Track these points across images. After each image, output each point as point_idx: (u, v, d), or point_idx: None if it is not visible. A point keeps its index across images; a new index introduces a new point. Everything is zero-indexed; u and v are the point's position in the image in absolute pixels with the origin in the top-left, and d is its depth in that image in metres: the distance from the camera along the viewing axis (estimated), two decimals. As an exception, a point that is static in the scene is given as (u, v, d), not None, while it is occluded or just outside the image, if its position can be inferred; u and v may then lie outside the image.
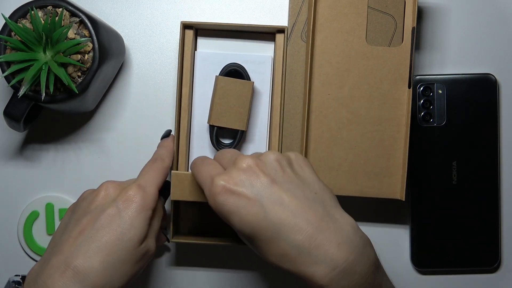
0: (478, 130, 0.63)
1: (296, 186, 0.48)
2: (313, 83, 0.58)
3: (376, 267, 0.47)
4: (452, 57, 0.64)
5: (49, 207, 0.64)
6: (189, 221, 0.63)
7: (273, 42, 0.62)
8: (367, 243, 0.47)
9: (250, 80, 0.61)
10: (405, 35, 0.59)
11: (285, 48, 0.60)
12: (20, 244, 0.64)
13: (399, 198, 0.59)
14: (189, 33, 0.61)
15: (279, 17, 0.64)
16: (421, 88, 0.63)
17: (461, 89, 0.63)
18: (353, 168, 0.59)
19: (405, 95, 0.59)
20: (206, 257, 0.65)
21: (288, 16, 0.61)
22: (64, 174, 0.64)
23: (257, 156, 0.50)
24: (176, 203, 0.62)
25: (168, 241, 0.61)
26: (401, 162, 0.59)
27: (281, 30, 0.60)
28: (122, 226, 0.50)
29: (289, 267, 0.46)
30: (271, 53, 0.62)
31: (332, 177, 0.59)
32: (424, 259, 0.63)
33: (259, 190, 0.47)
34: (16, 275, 0.52)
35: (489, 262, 0.63)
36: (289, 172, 0.48)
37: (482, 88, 0.63)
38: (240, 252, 0.65)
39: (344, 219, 0.47)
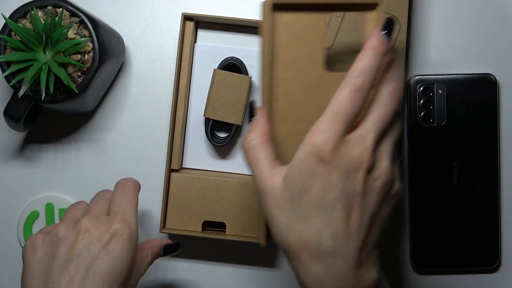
0: (478, 130, 0.63)
1: (371, 212, 0.44)
2: (271, 121, 0.50)
3: None
4: (452, 57, 0.64)
5: (49, 207, 0.64)
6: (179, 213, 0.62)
7: None
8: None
9: (248, 75, 0.61)
10: None
11: None
12: (20, 244, 0.64)
13: None
14: (190, 25, 0.61)
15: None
16: (421, 88, 0.63)
17: (461, 89, 0.63)
18: None
19: None
20: (194, 248, 0.65)
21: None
22: (64, 174, 0.64)
23: (376, 159, 0.45)
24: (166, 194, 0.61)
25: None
26: None
27: None
28: (114, 269, 0.48)
29: (300, 255, 0.44)
30: None
31: None
32: (424, 259, 0.63)
33: (345, 187, 0.43)
34: None
35: (489, 262, 0.63)
36: (380, 199, 0.45)
37: (482, 88, 0.63)
38: (230, 246, 0.65)
39: (372, 260, 0.45)
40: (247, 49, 0.62)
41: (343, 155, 0.43)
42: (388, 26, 0.46)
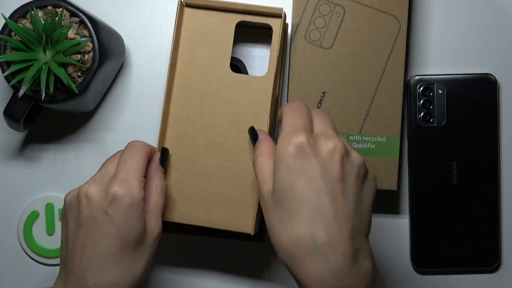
0: (478, 130, 0.63)
1: (354, 198, 0.46)
2: (172, 106, 0.57)
3: None
4: (452, 57, 0.64)
5: (49, 207, 0.64)
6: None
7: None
8: (370, 275, 0.46)
9: (248, 74, 0.61)
10: (271, 65, 0.57)
11: (280, 37, 0.59)
12: (20, 244, 0.64)
13: (250, 233, 0.56)
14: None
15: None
16: (421, 88, 0.63)
17: (461, 89, 0.63)
18: (206, 198, 0.56)
19: (265, 127, 0.56)
20: (195, 250, 0.65)
21: (292, 17, 0.61)
22: (64, 174, 0.64)
23: (347, 148, 0.47)
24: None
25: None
26: (255, 195, 0.56)
27: (278, 15, 0.59)
28: (121, 231, 0.49)
29: (294, 254, 0.45)
30: (269, 48, 0.62)
31: (184, 203, 0.57)
32: (424, 259, 0.63)
33: (325, 174, 0.45)
34: None
35: (489, 262, 0.64)
36: (359, 183, 0.47)
37: (482, 88, 0.63)
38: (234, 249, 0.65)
39: (366, 249, 0.47)
40: (247, 48, 0.62)
41: (318, 147, 0.46)
42: None
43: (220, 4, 0.57)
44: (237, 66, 0.61)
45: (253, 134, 0.53)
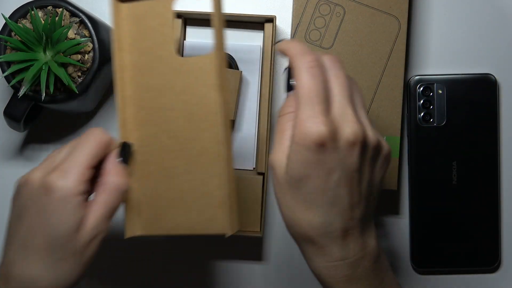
0: (478, 130, 0.63)
1: (368, 184, 0.46)
2: (128, 110, 0.51)
3: (379, 263, 0.48)
4: (452, 57, 0.64)
5: (49, 207, 0.64)
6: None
7: (262, 32, 0.62)
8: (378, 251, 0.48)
9: (238, 69, 0.61)
10: (216, 42, 0.50)
11: (273, 37, 0.60)
12: (20, 244, 0.64)
13: (227, 233, 0.49)
14: (178, 22, 0.61)
15: (282, 16, 0.63)
16: (421, 88, 0.63)
17: (461, 89, 0.63)
18: (181, 204, 0.50)
19: (216, 104, 0.49)
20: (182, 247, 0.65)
21: (292, 16, 0.61)
22: (64, 174, 0.64)
23: (364, 131, 0.45)
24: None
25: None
26: (232, 190, 0.50)
27: (269, 19, 0.60)
28: (49, 223, 0.45)
29: (308, 237, 0.46)
30: (260, 43, 0.63)
31: (159, 214, 0.51)
32: (424, 259, 0.63)
33: (344, 167, 0.44)
34: None
35: (489, 262, 0.64)
36: (372, 166, 0.46)
37: (482, 88, 0.63)
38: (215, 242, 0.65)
39: (372, 228, 0.48)
40: (237, 43, 0.62)
41: (338, 138, 0.44)
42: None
43: None
44: (228, 61, 0.61)
45: (289, 79, 0.48)
